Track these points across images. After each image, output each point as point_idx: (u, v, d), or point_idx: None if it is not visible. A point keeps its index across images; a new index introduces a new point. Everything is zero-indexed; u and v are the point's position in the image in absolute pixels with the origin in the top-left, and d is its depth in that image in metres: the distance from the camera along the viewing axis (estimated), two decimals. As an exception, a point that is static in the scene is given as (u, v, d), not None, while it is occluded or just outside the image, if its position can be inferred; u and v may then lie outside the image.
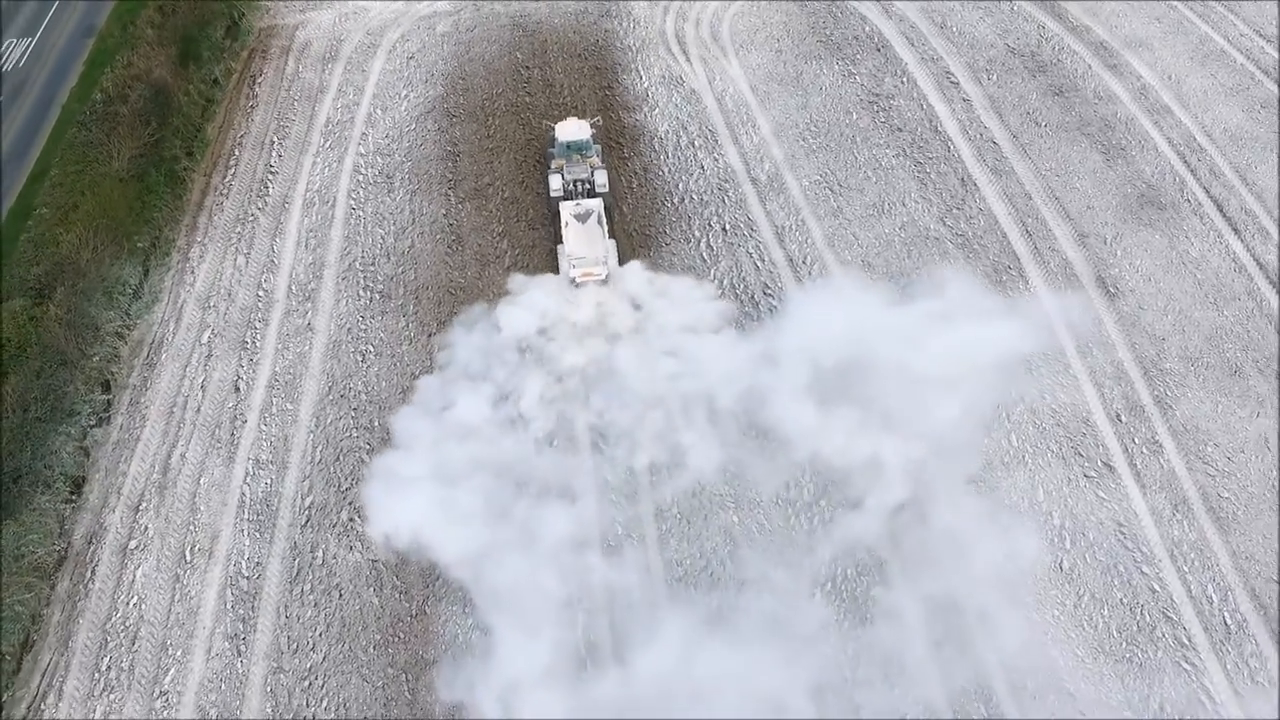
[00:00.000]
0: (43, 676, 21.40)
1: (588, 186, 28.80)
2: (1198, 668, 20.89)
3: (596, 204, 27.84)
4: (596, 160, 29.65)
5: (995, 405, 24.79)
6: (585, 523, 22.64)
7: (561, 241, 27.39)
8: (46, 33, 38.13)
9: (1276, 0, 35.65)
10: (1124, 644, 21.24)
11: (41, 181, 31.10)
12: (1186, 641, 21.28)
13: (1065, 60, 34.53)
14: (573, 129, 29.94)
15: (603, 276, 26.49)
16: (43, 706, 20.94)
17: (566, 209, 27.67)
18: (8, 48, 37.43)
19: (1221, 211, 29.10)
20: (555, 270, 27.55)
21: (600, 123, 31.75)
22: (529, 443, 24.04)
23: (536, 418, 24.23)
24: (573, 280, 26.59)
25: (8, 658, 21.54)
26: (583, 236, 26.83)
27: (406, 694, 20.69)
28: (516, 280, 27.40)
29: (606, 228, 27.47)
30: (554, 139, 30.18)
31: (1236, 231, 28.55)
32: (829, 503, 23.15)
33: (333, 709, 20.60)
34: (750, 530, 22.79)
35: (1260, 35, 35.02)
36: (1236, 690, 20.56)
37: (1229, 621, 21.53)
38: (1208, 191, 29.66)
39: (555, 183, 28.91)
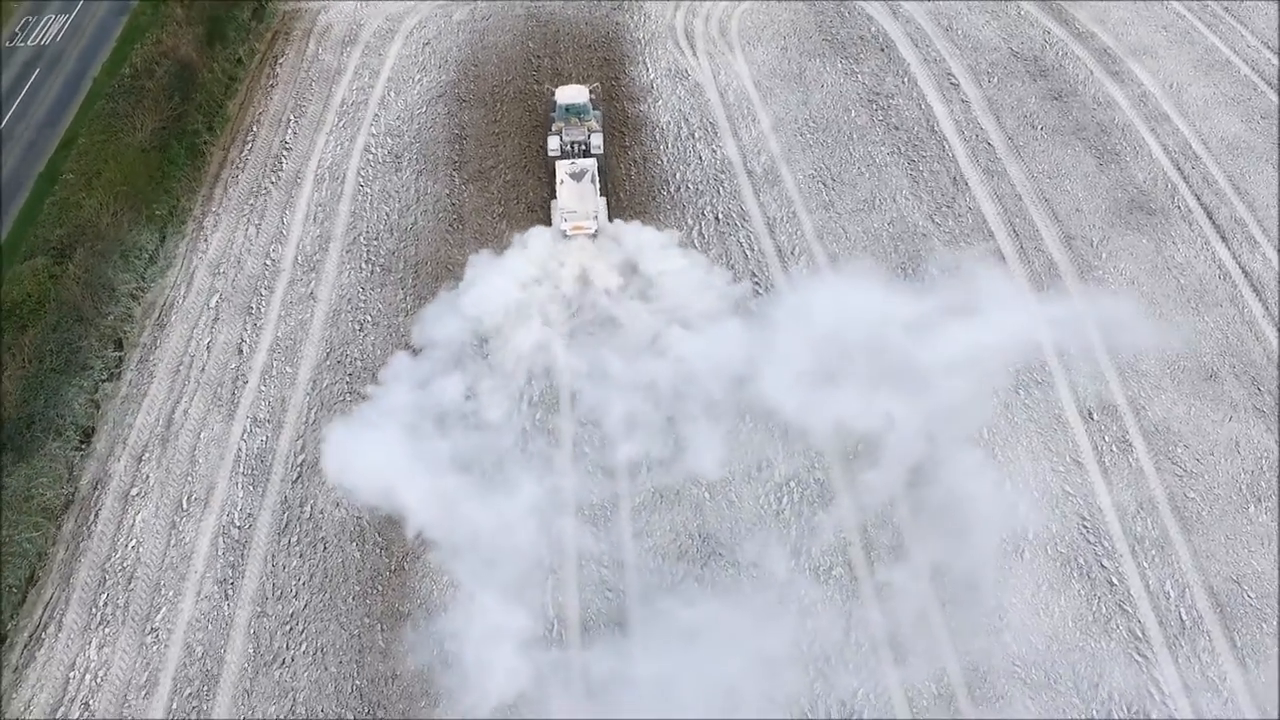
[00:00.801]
0: (45, 609, 22.76)
1: (584, 147, 30.51)
2: (1149, 660, 21.31)
3: (591, 164, 29.65)
4: (594, 124, 31.30)
5: (970, 397, 25.29)
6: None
7: (555, 197, 29.08)
8: (84, 9, 39.84)
9: (1277, 3, 35.62)
10: (1078, 634, 21.72)
11: (70, 149, 32.66)
12: (1140, 635, 21.71)
13: (1067, 65, 34.82)
14: (572, 93, 31.75)
15: (592, 231, 28.15)
16: (43, 636, 22.29)
17: (562, 167, 29.59)
18: (46, 22, 39.20)
19: (1211, 219, 29.31)
20: (549, 223, 29.20)
21: (599, 89, 33.28)
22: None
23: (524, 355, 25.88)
24: (564, 232, 28.20)
25: (14, 590, 22.92)
26: (575, 193, 28.57)
27: (380, 643, 21.75)
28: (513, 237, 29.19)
29: (598, 186, 29.13)
30: (555, 103, 31.79)
31: (1224, 239, 28.75)
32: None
33: (310, 653, 21.71)
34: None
35: (1267, 47, 35.05)
36: (1186, 684, 20.95)
37: (1184, 617, 21.91)
38: (1199, 199, 29.87)
39: (553, 143, 30.79)
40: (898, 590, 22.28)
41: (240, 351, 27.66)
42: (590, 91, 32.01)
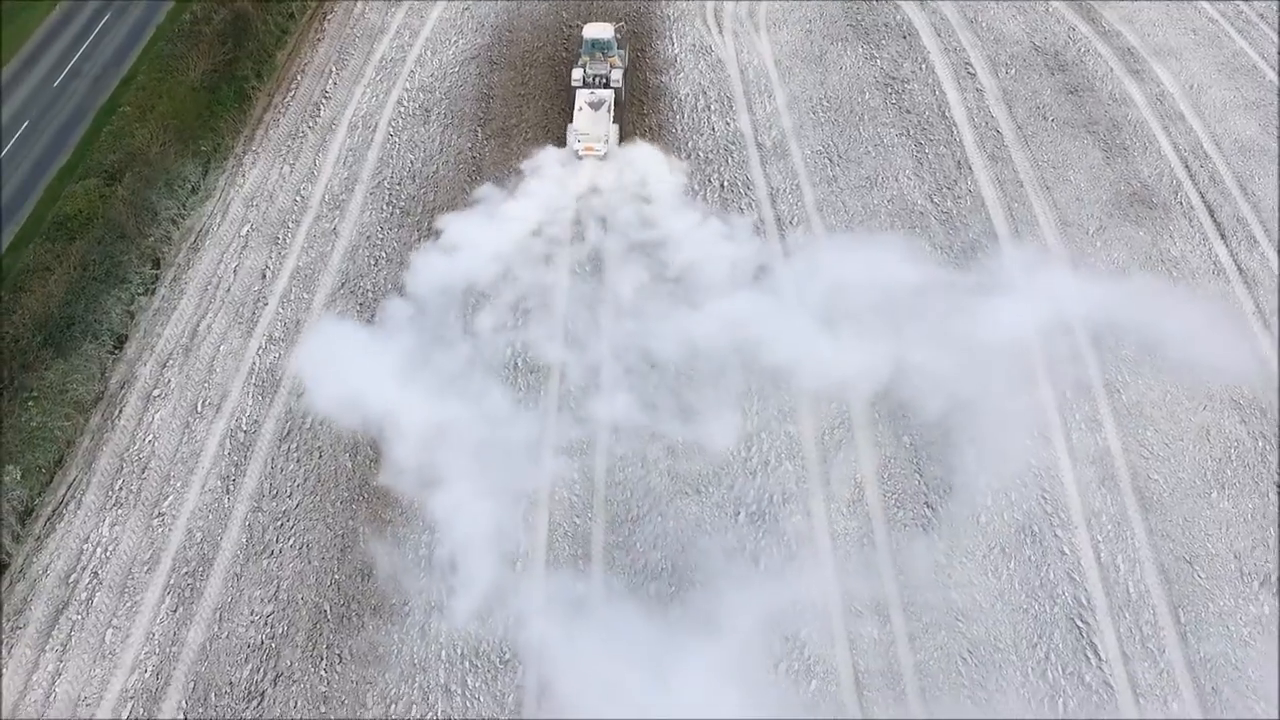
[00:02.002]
0: (68, 489, 25.03)
1: (604, 80, 33.18)
2: (1091, 626, 21.82)
3: (609, 95, 32.48)
4: (617, 60, 33.99)
5: (949, 369, 25.93)
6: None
7: (572, 121, 31.95)
8: (155, -38, 42.61)
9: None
10: (1024, 596, 22.32)
11: (129, 85, 35.26)
12: (1085, 602, 22.22)
13: (1088, 62, 35.00)
14: (598, 29, 34.48)
15: (602, 153, 31.31)
16: (64, 512, 24.54)
17: (581, 95, 32.55)
18: (120, -26, 42.12)
19: (1213, 216, 29.36)
20: (564, 144, 32.19)
21: (625, 28, 36.01)
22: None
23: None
24: (576, 153, 31.45)
25: (43, 471, 25.23)
26: (590, 119, 31.83)
27: (361, 544, 23.44)
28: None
29: (612, 115, 32.10)
30: (583, 39, 34.56)
31: (1224, 237, 28.80)
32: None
33: (297, 547, 23.51)
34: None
35: (1298, 55, 34.73)
36: (1125, 652, 21.43)
37: (1132, 590, 22.35)
38: (1203, 197, 29.93)
39: (576, 74, 33.53)
40: (853, 541, 23.20)
41: (264, 276, 29.72)
42: (616, 30, 34.62)
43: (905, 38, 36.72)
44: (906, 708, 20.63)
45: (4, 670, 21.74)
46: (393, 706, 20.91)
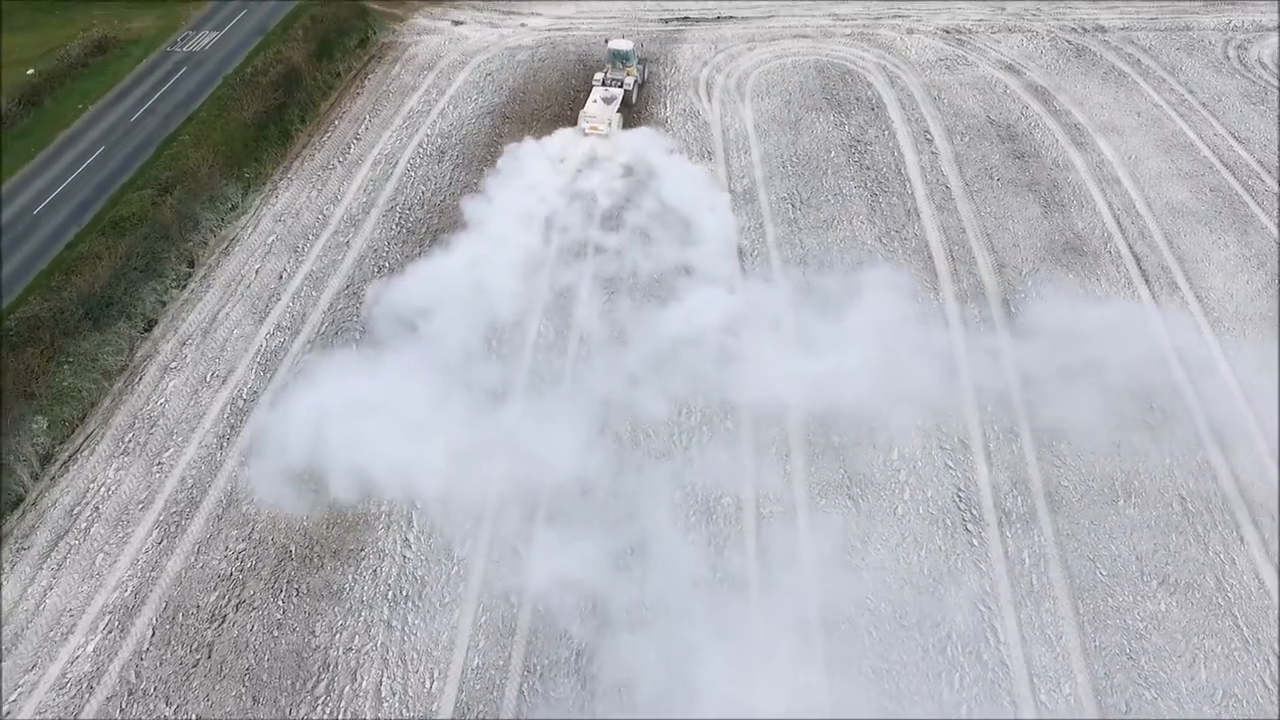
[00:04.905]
0: (85, 440, 28.29)
1: (619, 84, 40.54)
2: (993, 611, 23.12)
3: (619, 92, 40.11)
4: (633, 70, 41.36)
5: (880, 387, 28.22)
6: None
7: (584, 108, 39.57)
8: (231, 29, 49.54)
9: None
10: (931, 581, 23.77)
11: (192, 120, 40.82)
12: (989, 591, 23.59)
13: (1037, 134, 38.54)
14: (621, 43, 41.92)
15: (605, 133, 38.53)
16: (78, 457, 27.72)
17: (596, 90, 40.25)
18: (200, 37, 48.98)
19: (1139, 264, 31.83)
20: (574, 125, 39.75)
21: (643, 45, 44.12)
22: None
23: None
24: (582, 130, 38.80)
25: (66, 424, 28.62)
26: (599, 106, 39.30)
27: (327, 494, 26.00)
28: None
29: (616, 107, 39.47)
30: (608, 50, 41.89)
31: (1148, 281, 31.16)
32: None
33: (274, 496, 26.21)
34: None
35: (1234, 136, 37.84)
36: (1024, 636, 22.60)
37: (1035, 583, 23.67)
38: (1131, 248, 32.51)
39: (598, 76, 41.33)
40: (775, 524, 25.08)
41: (280, 277, 33.69)
42: (638, 45, 42.31)
43: (873, 109, 40.87)
44: (817, 671, 21.90)
45: (4, 584, 24.43)
46: (337, 635, 22.97)
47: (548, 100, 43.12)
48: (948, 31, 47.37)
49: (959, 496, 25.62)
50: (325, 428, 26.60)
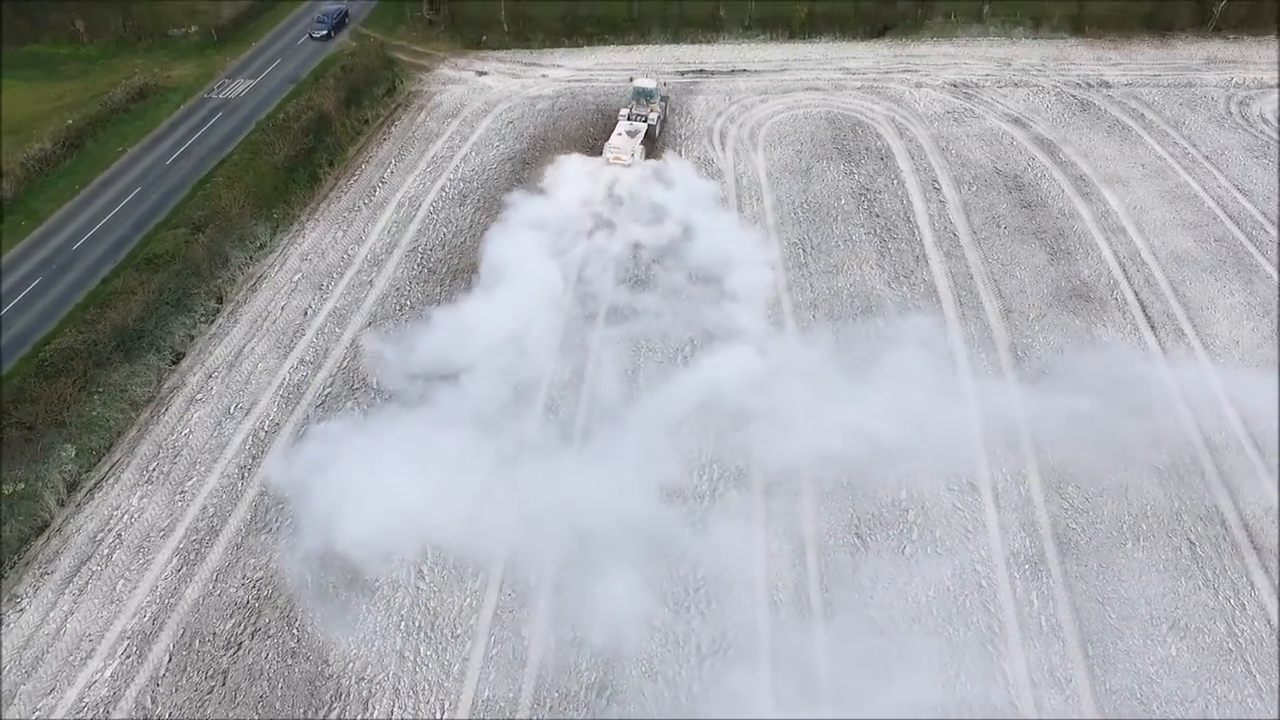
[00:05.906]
0: (111, 467, 29.05)
1: (643, 119, 42.76)
2: (1001, 653, 23.15)
3: (642, 126, 42.35)
4: (656, 107, 43.57)
5: (891, 428, 28.62)
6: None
7: (609, 139, 41.92)
8: (265, 78, 51.74)
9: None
10: (940, 620, 23.89)
11: (225, 163, 42.50)
12: (998, 630, 23.66)
13: (1043, 184, 39.45)
14: (645, 80, 44.15)
15: (627, 164, 40.83)
16: (104, 484, 28.44)
17: (621, 124, 42.57)
18: (236, 85, 51.17)
19: (1144, 311, 32.32)
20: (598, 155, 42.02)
21: (668, 84, 46.20)
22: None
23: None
24: (606, 160, 41.16)
25: (93, 453, 29.44)
26: (623, 139, 41.60)
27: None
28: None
29: (639, 140, 41.67)
30: (633, 88, 44.09)
31: (1153, 328, 31.61)
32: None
33: (293, 526, 26.69)
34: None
35: (1237, 188, 38.59)
36: (1033, 680, 22.61)
37: (1044, 624, 23.76)
38: (1137, 295, 33.04)
39: (623, 111, 43.49)
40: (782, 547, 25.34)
41: (305, 313, 34.74)
42: (660, 84, 44.96)
43: (883, 159, 42.01)
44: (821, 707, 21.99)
45: (27, 608, 24.95)
46: (350, 664, 23.26)
47: (566, 146, 44.52)
48: (955, 86, 48.84)
49: (966, 536, 25.79)
50: (343, 505, 26.13)
